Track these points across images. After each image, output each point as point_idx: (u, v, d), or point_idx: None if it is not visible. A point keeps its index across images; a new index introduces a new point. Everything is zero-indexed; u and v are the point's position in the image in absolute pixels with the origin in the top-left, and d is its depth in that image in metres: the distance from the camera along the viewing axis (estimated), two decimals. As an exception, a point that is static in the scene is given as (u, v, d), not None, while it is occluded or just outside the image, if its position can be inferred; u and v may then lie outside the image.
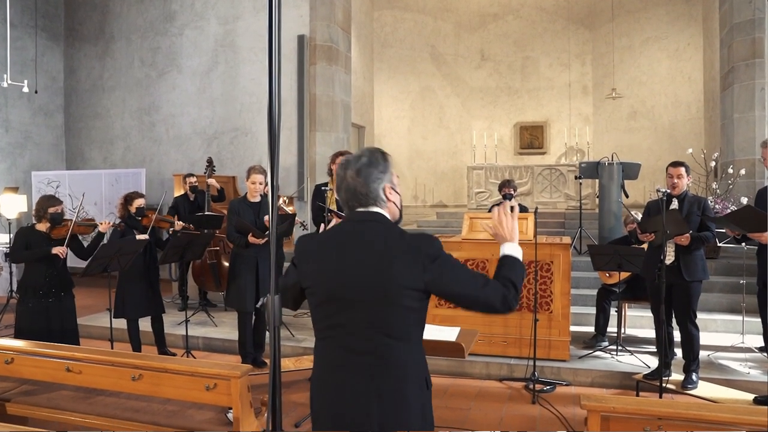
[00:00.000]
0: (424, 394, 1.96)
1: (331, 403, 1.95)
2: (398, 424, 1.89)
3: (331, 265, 1.95)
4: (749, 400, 4.57)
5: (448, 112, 15.24)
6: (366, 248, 1.92)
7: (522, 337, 5.44)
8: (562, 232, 9.25)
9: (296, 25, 9.47)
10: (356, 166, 1.98)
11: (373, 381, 1.90)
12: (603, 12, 14.29)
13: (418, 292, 1.89)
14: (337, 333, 1.94)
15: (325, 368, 1.98)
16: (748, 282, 5.62)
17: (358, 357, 1.91)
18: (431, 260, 1.89)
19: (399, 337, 1.90)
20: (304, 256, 2.04)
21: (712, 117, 11.01)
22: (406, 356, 1.92)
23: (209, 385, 3.28)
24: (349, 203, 2.01)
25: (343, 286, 1.91)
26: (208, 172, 7.27)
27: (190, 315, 6.62)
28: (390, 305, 1.87)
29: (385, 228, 1.96)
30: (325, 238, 2.05)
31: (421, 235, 1.96)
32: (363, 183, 1.97)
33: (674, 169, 4.89)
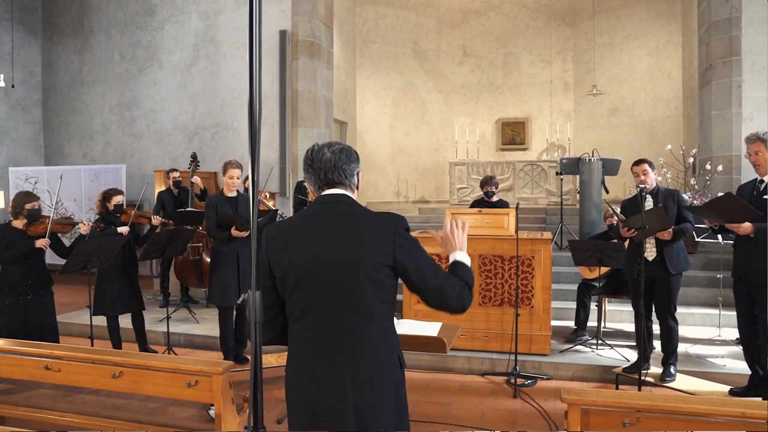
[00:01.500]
0: (398, 371, 2.01)
1: (305, 381, 1.98)
2: (372, 399, 1.93)
3: (304, 245, 1.98)
4: (725, 392, 4.66)
5: (431, 108, 15.27)
6: (337, 227, 1.97)
7: (503, 331, 5.48)
8: (543, 228, 9.33)
9: (278, 20, 9.41)
10: (335, 147, 2.08)
11: (347, 358, 1.93)
12: (584, 9, 14.39)
13: (388, 268, 1.95)
14: (312, 312, 1.97)
15: (301, 348, 2.01)
16: (725, 276, 5.71)
17: (333, 335, 1.95)
18: (401, 237, 1.96)
19: (371, 314, 1.95)
20: (273, 243, 2.05)
21: (691, 114, 11.15)
22: (379, 334, 1.97)
23: (191, 382, 3.26)
24: (326, 176, 2.05)
25: (317, 266, 1.95)
26: (192, 167, 7.22)
27: (172, 312, 6.57)
28: (362, 280, 1.92)
29: (354, 208, 2.03)
30: (295, 221, 2.08)
31: (390, 213, 2.04)
32: (345, 160, 2.06)
33: (638, 167, 4.96)
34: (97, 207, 5.53)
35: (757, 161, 4.42)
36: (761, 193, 4.39)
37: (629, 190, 11.24)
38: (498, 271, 5.59)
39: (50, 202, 8.78)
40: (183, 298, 7.57)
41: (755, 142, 4.40)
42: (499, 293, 5.58)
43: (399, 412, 2.01)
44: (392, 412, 1.98)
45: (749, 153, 4.46)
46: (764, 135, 4.39)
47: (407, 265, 1.95)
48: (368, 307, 1.94)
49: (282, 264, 2.01)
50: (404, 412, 2.04)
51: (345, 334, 1.94)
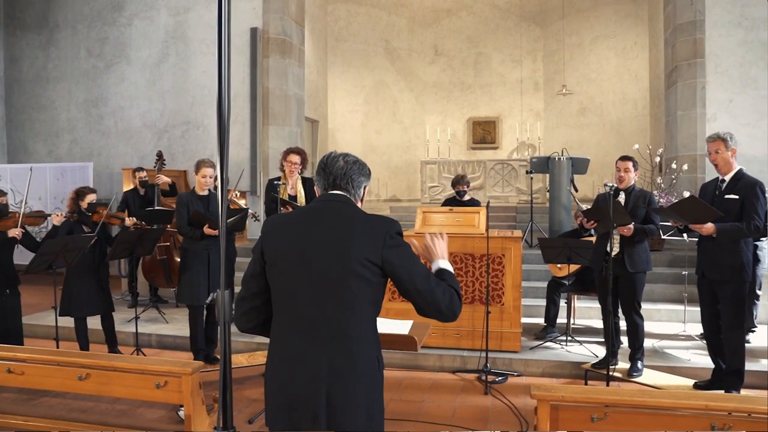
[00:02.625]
0: (375, 371, 2.03)
1: (283, 371, 2.00)
2: (345, 393, 1.95)
3: (295, 238, 2.02)
4: (690, 385, 4.76)
5: (402, 107, 15.30)
6: (330, 222, 2.02)
7: (474, 329, 5.52)
8: (513, 226, 9.43)
9: (249, 18, 9.33)
10: (350, 158, 2.14)
11: (325, 349, 1.95)
12: (554, 10, 14.57)
13: (376, 267, 1.97)
14: (295, 302, 2.00)
15: (281, 336, 2.03)
16: (690, 273, 5.84)
17: (313, 325, 1.97)
18: (392, 238, 1.99)
19: (354, 309, 1.97)
20: (270, 231, 2.10)
21: (657, 114, 11.38)
22: (361, 332, 1.99)
23: (159, 383, 3.22)
24: (335, 181, 2.11)
25: (306, 258, 1.98)
26: (158, 166, 7.11)
27: (141, 312, 6.48)
28: (348, 275, 1.94)
29: (350, 208, 2.07)
30: (293, 215, 2.14)
31: (383, 217, 2.09)
32: (357, 171, 2.13)
33: (622, 163, 5.06)
34: (69, 205, 5.41)
35: (716, 160, 4.52)
36: (723, 192, 4.50)
37: (598, 188, 11.43)
38: (469, 269, 5.63)
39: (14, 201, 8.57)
40: (152, 298, 7.46)
41: (715, 141, 4.51)
42: (470, 291, 5.62)
43: (371, 411, 2.02)
44: (364, 408, 1.99)
45: (709, 152, 4.56)
46: (724, 135, 4.50)
47: (396, 266, 1.97)
48: (351, 303, 1.96)
49: (272, 252, 2.05)
50: (377, 411, 2.05)
51: (326, 326, 1.96)
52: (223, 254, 1.77)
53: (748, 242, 4.48)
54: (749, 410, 2.70)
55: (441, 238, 2.23)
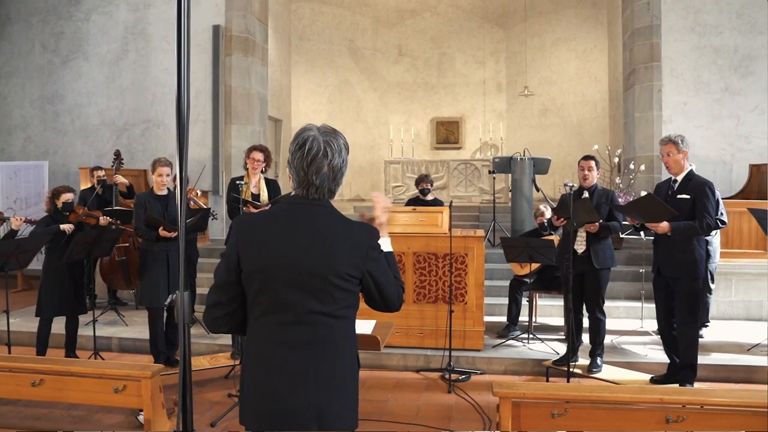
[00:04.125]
0: (355, 372, 2.06)
1: (266, 380, 1.96)
2: (333, 399, 1.95)
3: (276, 244, 1.95)
4: (647, 380, 4.89)
5: (366, 107, 15.30)
6: (311, 230, 1.96)
7: (438, 328, 5.55)
8: (476, 225, 9.51)
9: (211, 15, 9.20)
10: (337, 161, 1.99)
11: (310, 358, 1.93)
12: (516, 12, 14.76)
13: (356, 279, 1.96)
14: (278, 312, 1.95)
15: (263, 345, 1.98)
16: (647, 270, 5.98)
17: (297, 335, 1.94)
18: (374, 249, 1.98)
19: (336, 317, 1.95)
20: (246, 236, 1.99)
21: (616, 115, 11.63)
22: (342, 335, 1.98)
23: (118, 387, 3.15)
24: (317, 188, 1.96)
25: (287, 267, 1.93)
26: (116, 165, 6.95)
27: (99, 315, 6.32)
28: (331, 287, 1.92)
29: (330, 213, 2.01)
30: (269, 217, 2.03)
31: (365, 225, 2.05)
32: (341, 175, 2.02)
33: (585, 162, 5.20)
34: (46, 205, 5.41)
35: (668, 162, 4.68)
36: (675, 191, 4.65)
37: (559, 188, 11.62)
38: (432, 269, 5.66)
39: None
40: (110, 300, 7.29)
41: (667, 144, 4.66)
42: (434, 290, 5.65)
43: (354, 411, 2.04)
44: (350, 410, 2.01)
45: (662, 154, 4.73)
46: (675, 138, 4.65)
47: (372, 281, 1.98)
48: (333, 311, 1.94)
49: (251, 260, 1.96)
50: (357, 412, 2.08)
51: (309, 334, 1.94)
52: (183, 255, 1.74)
53: (701, 240, 4.63)
54: (702, 402, 2.79)
55: (383, 211, 2.20)
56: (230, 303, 2.01)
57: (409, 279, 5.67)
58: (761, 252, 6.85)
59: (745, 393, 3.39)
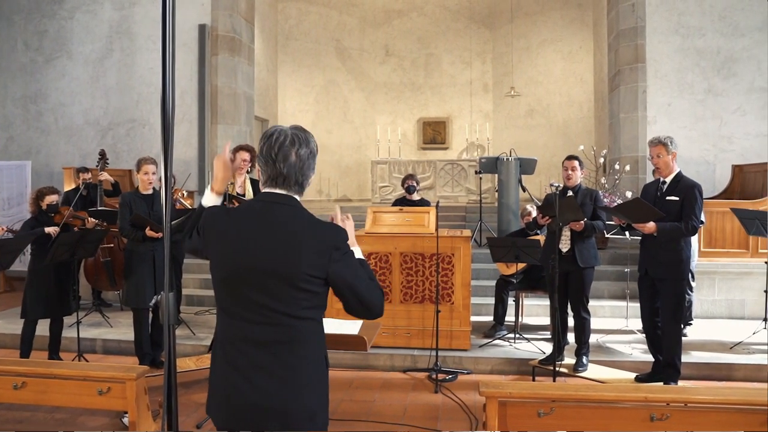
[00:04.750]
0: (323, 372, 2.02)
1: (229, 379, 1.96)
2: (297, 399, 1.93)
3: (239, 243, 1.95)
4: (632, 378, 4.93)
5: (353, 107, 15.29)
6: (276, 230, 1.95)
7: (425, 328, 5.56)
8: (463, 226, 9.53)
9: (197, 14, 9.15)
10: (305, 151, 1.99)
11: (273, 357, 1.93)
12: (503, 13, 14.82)
13: (320, 280, 1.94)
14: (240, 310, 1.95)
15: (226, 344, 1.99)
16: (632, 270, 6.03)
17: (260, 334, 1.93)
18: (338, 250, 1.95)
19: (301, 317, 1.94)
20: (211, 229, 2.02)
21: (602, 116, 11.71)
22: (308, 334, 1.97)
23: (102, 389, 3.12)
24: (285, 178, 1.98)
25: (250, 265, 1.93)
26: (100, 165, 6.89)
27: (83, 316, 6.26)
28: (294, 288, 1.91)
29: (296, 212, 1.99)
30: (237, 215, 2.04)
31: (330, 225, 2.02)
32: (308, 166, 2.02)
33: (569, 162, 5.24)
34: (30, 206, 5.34)
35: (658, 164, 4.71)
36: (664, 193, 4.69)
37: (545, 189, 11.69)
38: (419, 269, 5.66)
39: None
40: (95, 302, 7.22)
41: (657, 146, 4.69)
42: (420, 290, 5.66)
43: (322, 411, 2.02)
44: (316, 410, 1.99)
45: (651, 156, 4.75)
46: (665, 139, 4.68)
47: (340, 280, 1.95)
48: (297, 311, 1.93)
49: (215, 254, 2.00)
50: (326, 411, 2.05)
51: (272, 333, 1.93)
52: (167, 256, 1.73)
53: (688, 241, 4.68)
54: (685, 400, 2.82)
55: (348, 220, 2.20)
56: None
57: (395, 279, 5.67)
58: (743, 251, 6.93)
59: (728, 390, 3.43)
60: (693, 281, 6.21)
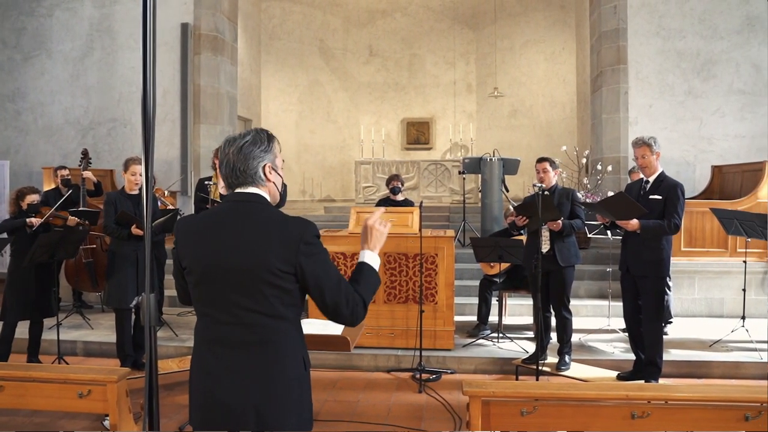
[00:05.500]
0: (301, 372, 2.00)
1: (207, 381, 1.95)
2: (272, 401, 1.92)
3: (208, 244, 1.95)
4: (614, 377, 4.97)
5: (336, 107, 15.27)
6: (243, 228, 1.94)
7: (408, 328, 5.57)
8: (446, 226, 9.56)
9: (179, 13, 9.07)
10: (239, 143, 2.00)
11: (248, 358, 1.92)
12: (486, 14, 14.89)
13: (291, 275, 1.91)
14: (214, 311, 1.95)
15: (203, 346, 1.99)
16: (614, 269, 6.08)
17: (234, 334, 1.93)
18: (306, 244, 1.92)
19: (275, 316, 1.93)
20: (183, 235, 2.04)
21: (584, 117, 11.81)
22: (283, 334, 1.95)
23: (82, 392, 3.08)
24: (228, 179, 2.02)
25: (220, 266, 1.92)
26: (83, 164, 6.81)
27: (63, 318, 6.19)
28: (264, 285, 1.89)
29: (263, 209, 1.98)
30: (204, 217, 2.05)
31: (299, 219, 1.98)
32: (243, 160, 1.99)
33: (540, 164, 5.31)
34: (10, 206, 5.30)
35: (643, 164, 4.77)
36: (647, 192, 4.75)
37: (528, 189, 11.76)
38: (402, 269, 5.67)
39: None
40: (76, 303, 7.13)
41: (641, 146, 4.75)
42: (404, 290, 5.66)
43: (301, 413, 2.00)
44: (294, 412, 1.97)
45: (636, 156, 4.82)
46: (649, 140, 4.75)
47: (307, 278, 1.92)
48: (270, 310, 1.92)
49: (187, 258, 2.00)
50: (307, 413, 2.04)
51: (246, 334, 1.92)
52: (149, 256, 1.72)
53: (669, 240, 4.75)
54: (666, 398, 2.85)
55: (384, 226, 2.17)
56: (186, 288, 2.08)
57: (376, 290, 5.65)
58: (722, 251, 7.03)
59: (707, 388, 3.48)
60: (670, 280, 6.28)
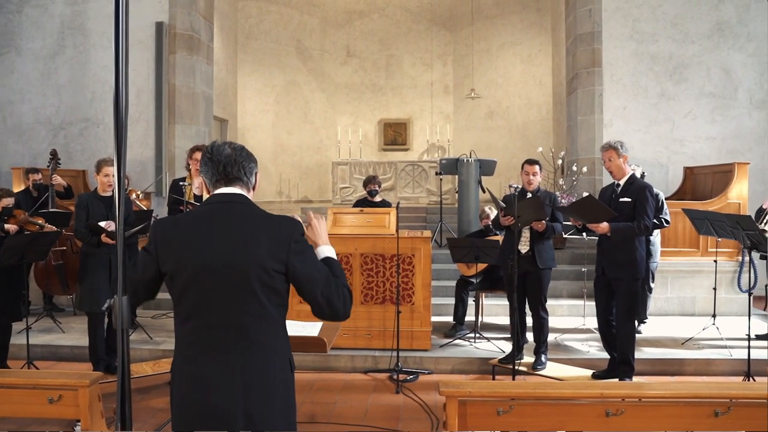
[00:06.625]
0: (288, 374, 2.01)
1: (194, 384, 1.92)
2: (263, 402, 1.91)
3: (197, 246, 1.92)
4: (589, 375, 5.03)
5: (314, 107, 15.22)
6: (231, 229, 1.93)
7: (386, 329, 5.56)
8: (423, 226, 9.59)
9: (154, 11, 8.95)
10: (236, 145, 2.07)
11: (237, 361, 1.90)
12: (463, 16, 14.96)
13: (281, 274, 1.92)
14: (202, 314, 1.92)
15: (189, 351, 1.95)
16: (590, 270, 6.16)
17: (223, 338, 1.91)
18: (296, 243, 1.94)
19: (263, 318, 1.92)
20: (164, 239, 1.98)
21: (560, 118, 11.93)
22: (271, 337, 1.95)
23: (53, 397, 3.02)
24: (220, 173, 2.01)
25: (208, 267, 1.90)
26: (52, 165, 6.69)
27: (33, 322, 6.06)
28: (254, 285, 1.89)
29: (249, 209, 1.98)
30: (188, 219, 2.03)
31: (286, 218, 2.00)
32: (246, 157, 2.06)
33: (530, 167, 5.32)
34: None
35: (610, 167, 4.85)
36: (618, 195, 4.82)
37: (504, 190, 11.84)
38: (379, 270, 5.66)
39: None
40: (46, 307, 6.99)
41: (608, 150, 4.83)
42: (381, 291, 5.66)
43: (288, 415, 2.00)
44: (282, 415, 1.97)
45: (603, 160, 4.90)
46: (615, 143, 4.83)
47: (299, 275, 1.93)
48: (260, 311, 1.91)
49: (171, 262, 1.94)
50: (293, 414, 2.04)
51: (236, 337, 1.91)
52: (121, 257, 1.69)
53: (642, 241, 4.82)
54: (639, 395, 2.90)
55: (318, 220, 2.21)
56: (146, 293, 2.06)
57: (356, 280, 5.66)
58: (694, 251, 7.16)
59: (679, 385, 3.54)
60: (653, 281, 6.38)
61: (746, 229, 4.89)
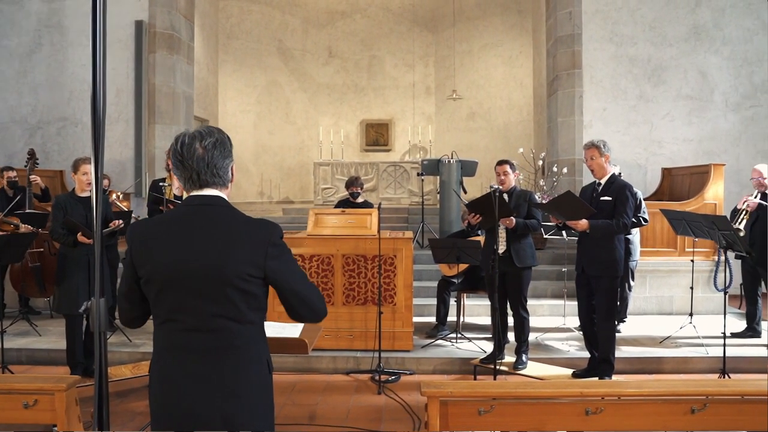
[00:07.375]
0: (266, 377, 1.99)
1: (172, 388, 1.90)
2: (239, 406, 1.90)
3: (172, 249, 1.89)
4: (569, 374, 5.07)
5: (295, 108, 15.16)
6: (208, 232, 1.89)
7: (367, 330, 5.56)
8: (405, 227, 9.59)
9: (134, 10, 8.86)
10: (207, 142, 1.93)
11: (214, 364, 1.89)
12: (445, 17, 15.01)
13: (258, 279, 1.90)
14: (179, 318, 1.90)
15: (166, 354, 1.93)
16: (570, 269, 6.21)
17: (200, 341, 1.89)
18: (274, 247, 1.91)
19: (240, 321, 1.90)
20: (139, 243, 1.94)
21: (540, 120, 12.02)
22: (248, 339, 1.93)
23: (28, 402, 2.97)
24: (194, 178, 1.93)
25: (185, 271, 1.87)
26: (29, 165, 6.58)
27: (8, 325, 5.96)
28: (231, 290, 1.86)
29: (227, 212, 1.94)
30: (164, 222, 1.99)
31: (264, 222, 1.97)
32: (219, 157, 1.94)
33: (500, 167, 5.40)
34: None
35: (592, 166, 4.90)
36: (599, 194, 4.86)
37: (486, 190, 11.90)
38: (361, 271, 5.66)
39: None
40: (22, 309, 6.86)
41: (590, 149, 4.88)
42: (363, 292, 5.65)
43: (266, 417, 1.99)
44: (260, 416, 1.96)
45: (586, 158, 4.94)
46: (598, 142, 4.87)
47: (279, 278, 1.91)
48: (237, 315, 1.89)
49: (147, 266, 1.90)
50: (271, 416, 2.03)
51: (212, 340, 1.89)
52: (98, 259, 1.67)
53: (621, 240, 4.87)
54: (619, 394, 2.93)
55: None
56: (135, 309, 2.01)
57: (338, 281, 5.65)
58: (672, 250, 7.26)
59: (658, 383, 3.58)
60: (633, 280, 6.46)
61: (722, 229, 4.97)
